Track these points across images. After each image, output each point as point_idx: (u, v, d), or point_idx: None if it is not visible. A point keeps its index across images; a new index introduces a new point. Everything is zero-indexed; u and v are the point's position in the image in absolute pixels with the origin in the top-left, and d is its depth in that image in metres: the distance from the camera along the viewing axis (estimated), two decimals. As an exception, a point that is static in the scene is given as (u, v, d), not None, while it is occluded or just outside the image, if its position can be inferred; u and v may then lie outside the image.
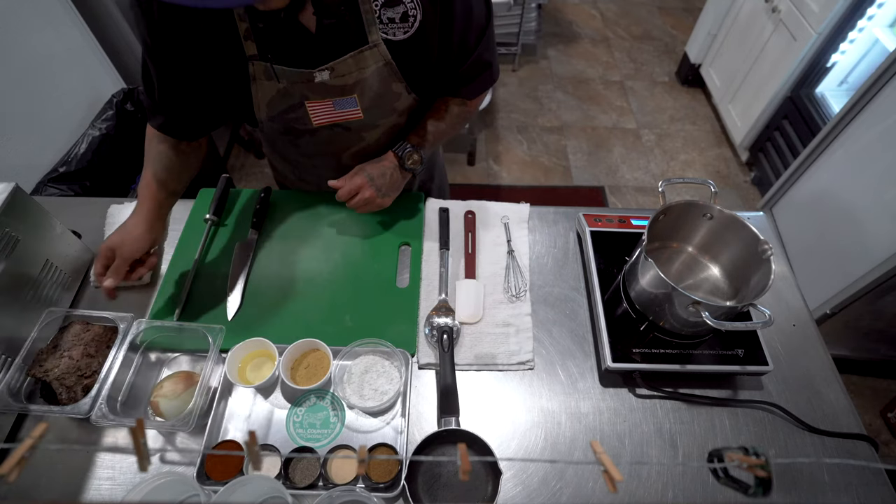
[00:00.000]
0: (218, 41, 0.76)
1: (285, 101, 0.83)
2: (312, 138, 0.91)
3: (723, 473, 0.49)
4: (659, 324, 0.84)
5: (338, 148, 0.95)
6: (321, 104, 0.84)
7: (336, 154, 0.96)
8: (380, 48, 0.78)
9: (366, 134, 0.92)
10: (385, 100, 0.87)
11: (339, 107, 0.84)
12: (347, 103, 0.84)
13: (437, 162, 1.27)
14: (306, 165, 1.05)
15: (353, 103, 0.84)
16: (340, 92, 0.82)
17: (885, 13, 1.89)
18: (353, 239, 1.01)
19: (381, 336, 0.82)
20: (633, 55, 3.24)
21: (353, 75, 0.80)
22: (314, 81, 0.80)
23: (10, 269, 0.78)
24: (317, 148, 0.95)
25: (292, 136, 0.93)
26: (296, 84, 0.80)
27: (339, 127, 0.89)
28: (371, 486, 0.71)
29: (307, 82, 0.80)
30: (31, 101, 1.42)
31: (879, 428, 1.75)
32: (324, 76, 0.79)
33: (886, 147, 1.48)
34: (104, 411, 0.72)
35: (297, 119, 0.86)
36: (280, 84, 0.80)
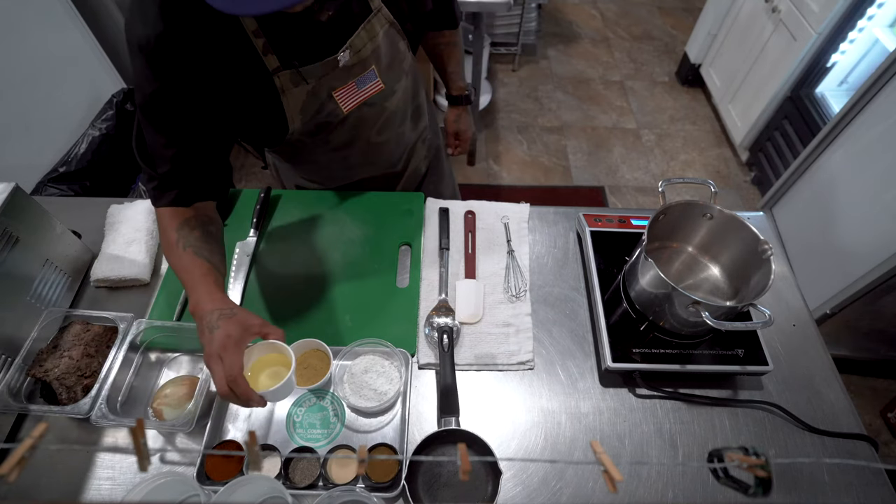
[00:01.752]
0: (237, 65, 0.73)
1: (316, 102, 0.83)
2: (343, 127, 0.92)
3: (723, 473, 0.49)
4: (659, 324, 0.84)
5: (366, 127, 0.96)
6: (347, 89, 0.85)
7: (366, 134, 0.97)
8: (382, 12, 0.81)
9: (387, 103, 0.94)
10: (396, 61, 0.89)
11: (362, 84, 0.86)
12: (369, 78, 0.86)
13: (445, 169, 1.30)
14: (335, 160, 1.03)
15: (374, 76, 0.86)
16: (361, 68, 0.84)
17: (885, 13, 1.89)
18: (353, 239, 1.01)
19: (381, 336, 0.82)
20: (633, 55, 3.24)
21: (368, 47, 0.82)
22: (339, 66, 0.80)
23: (10, 269, 0.78)
24: (348, 135, 0.95)
25: (324, 134, 0.92)
26: (322, 78, 0.80)
27: (364, 105, 0.90)
28: (371, 486, 0.71)
29: (332, 71, 0.80)
30: (31, 101, 1.42)
31: (879, 428, 1.75)
32: (346, 57, 0.80)
33: (886, 147, 1.48)
34: (104, 411, 0.72)
35: (328, 114, 0.87)
36: (308, 85, 0.80)
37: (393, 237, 1.01)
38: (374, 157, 1.04)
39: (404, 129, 1.04)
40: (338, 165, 1.05)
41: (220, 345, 0.63)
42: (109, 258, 0.94)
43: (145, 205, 1.02)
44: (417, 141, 1.12)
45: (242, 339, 0.65)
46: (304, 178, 1.12)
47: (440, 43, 1.11)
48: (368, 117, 0.93)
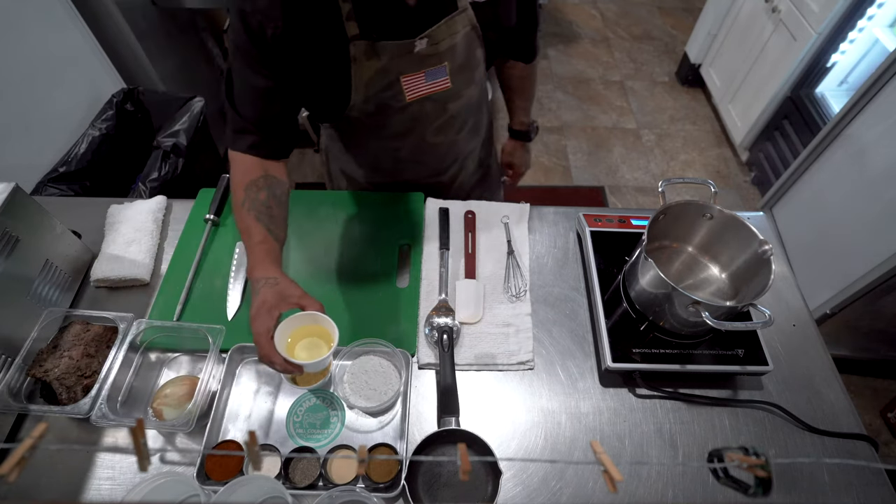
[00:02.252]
0: (321, 28, 0.75)
1: (383, 79, 0.83)
2: (402, 116, 0.92)
3: (723, 473, 0.49)
4: (659, 324, 0.84)
5: (425, 123, 0.95)
6: (415, 77, 0.84)
7: (422, 130, 0.97)
8: (468, 12, 0.81)
9: (450, 105, 0.94)
10: (469, 67, 0.89)
11: (431, 78, 0.86)
12: (438, 73, 0.86)
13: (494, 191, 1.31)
14: (387, 150, 1.03)
15: (444, 72, 0.86)
16: (434, 61, 0.84)
17: (885, 13, 1.89)
18: (353, 239, 1.01)
19: (381, 336, 0.82)
20: (633, 55, 3.24)
21: (446, 42, 0.82)
22: (413, 52, 0.80)
23: (10, 269, 0.78)
24: (406, 125, 0.94)
25: (383, 118, 0.92)
26: (394, 59, 0.81)
27: (428, 100, 0.90)
28: (371, 486, 0.71)
29: (406, 55, 0.81)
30: (31, 101, 1.41)
31: (879, 428, 1.75)
32: (422, 45, 0.80)
33: (886, 147, 1.48)
34: (104, 411, 0.72)
35: (391, 97, 0.86)
36: (380, 61, 0.80)
37: (393, 237, 1.01)
38: (425, 158, 1.04)
39: (460, 137, 1.03)
40: (387, 157, 1.04)
41: (255, 309, 0.69)
42: (109, 258, 0.94)
43: (145, 205, 1.02)
44: (470, 155, 1.12)
45: (276, 307, 0.70)
46: (352, 164, 1.10)
47: (513, 75, 1.12)
48: (429, 113, 0.93)
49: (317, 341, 0.77)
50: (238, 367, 0.84)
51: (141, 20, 1.83)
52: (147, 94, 1.74)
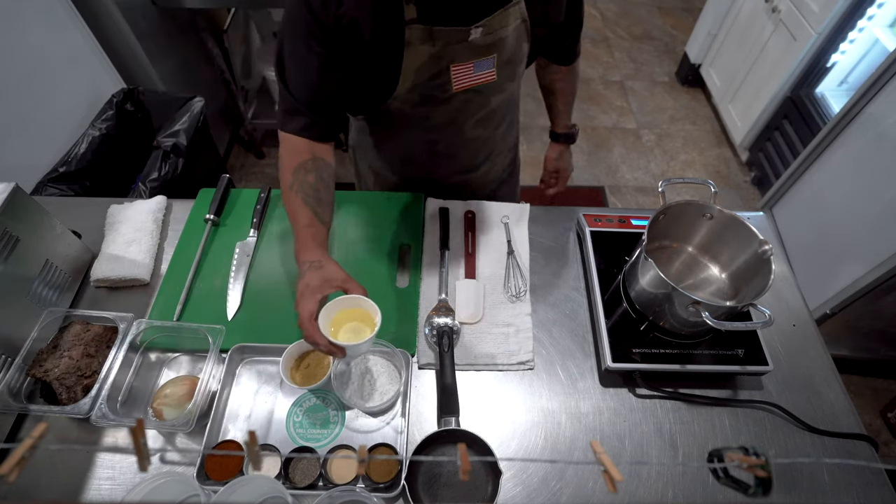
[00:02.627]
0: (379, 9, 0.75)
1: (433, 67, 0.82)
2: (446, 107, 0.91)
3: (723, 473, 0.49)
4: (659, 324, 0.84)
5: (466, 115, 0.95)
6: (464, 67, 0.84)
7: (462, 122, 0.97)
8: (520, 6, 0.81)
9: (493, 98, 0.93)
10: (514, 61, 0.89)
11: (478, 69, 0.86)
12: (486, 64, 0.85)
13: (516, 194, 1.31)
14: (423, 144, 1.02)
15: (491, 64, 0.86)
16: (484, 51, 0.83)
17: (885, 13, 1.89)
18: (353, 239, 1.01)
19: (381, 336, 0.82)
20: (633, 55, 3.24)
21: (498, 33, 0.82)
22: (468, 40, 0.80)
23: (10, 269, 0.78)
24: (448, 116, 0.94)
25: (426, 108, 0.91)
26: (448, 46, 0.80)
27: (472, 92, 0.89)
28: (371, 486, 0.71)
29: (459, 42, 0.80)
30: (31, 101, 1.41)
31: (879, 428, 1.75)
32: (477, 34, 0.80)
33: (886, 147, 1.48)
34: (104, 411, 0.72)
35: (438, 86, 0.86)
36: (434, 48, 0.79)
37: (393, 237, 1.01)
38: (460, 152, 1.04)
39: (497, 133, 1.03)
40: (423, 150, 1.03)
41: (300, 292, 0.71)
42: (109, 258, 0.94)
43: (145, 205, 1.02)
44: (502, 152, 1.12)
45: (320, 289, 0.71)
46: (382, 160, 1.09)
47: (555, 78, 1.11)
48: (472, 105, 0.93)
49: (359, 326, 0.77)
50: (238, 367, 0.84)
51: (141, 20, 1.83)
52: (147, 94, 1.74)
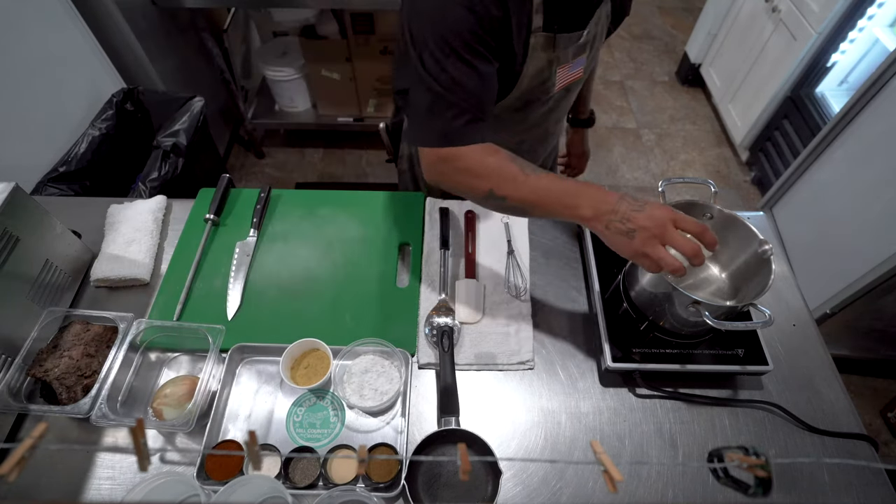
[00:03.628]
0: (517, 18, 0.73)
1: (546, 72, 0.82)
2: (544, 108, 0.91)
3: (723, 473, 0.49)
4: (659, 324, 0.84)
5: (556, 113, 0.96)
6: (565, 67, 0.84)
7: (550, 120, 0.97)
8: (606, 4, 0.82)
9: (572, 94, 0.94)
10: (594, 56, 0.90)
11: (573, 68, 0.86)
12: (579, 63, 0.86)
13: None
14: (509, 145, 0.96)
15: (583, 62, 0.87)
16: (581, 50, 0.84)
17: (885, 13, 1.89)
18: (353, 239, 1.01)
19: (381, 336, 0.82)
20: (633, 55, 3.24)
21: (593, 31, 0.83)
22: (578, 42, 0.81)
23: (10, 269, 0.78)
24: (543, 116, 0.94)
25: (526, 111, 0.89)
26: (561, 50, 0.80)
27: (563, 90, 0.90)
28: (371, 486, 0.71)
29: (571, 45, 0.81)
30: (31, 101, 1.41)
31: (879, 428, 1.75)
32: (585, 35, 0.81)
33: (886, 147, 1.48)
34: (104, 411, 0.72)
35: (542, 89, 0.85)
36: (553, 53, 0.79)
37: (393, 237, 1.01)
38: (540, 148, 1.06)
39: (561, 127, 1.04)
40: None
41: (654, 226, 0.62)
42: (109, 258, 0.94)
43: (145, 205, 1.02)
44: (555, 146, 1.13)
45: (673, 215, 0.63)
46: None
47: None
48: (562, 103, 0.93)
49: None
50: (238, 367, 0.84)
51: (141, 20, 1.83)
52: (147, 94, 1.74)
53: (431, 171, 0.76)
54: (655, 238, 0.62)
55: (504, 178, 0.71)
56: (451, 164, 0.73)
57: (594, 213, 0.65)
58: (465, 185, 0.74)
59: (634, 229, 0.63)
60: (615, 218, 0.64)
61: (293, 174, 2.52)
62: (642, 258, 0.63)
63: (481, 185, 0.72)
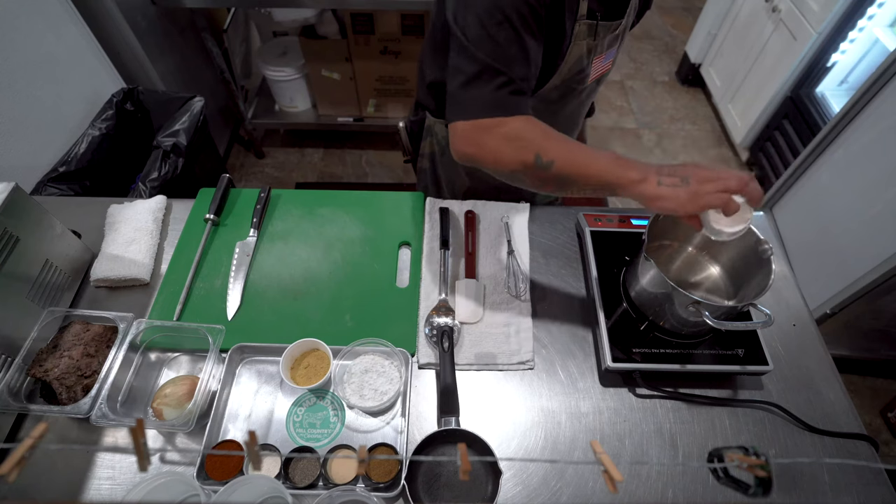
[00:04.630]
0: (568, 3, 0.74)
1: (584, 60, 0.82)
2: (576, 99, 0.91)
3: (723, 473, 0.50)
4: (659, 324, 0.84)
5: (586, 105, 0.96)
6: (601, 58, 0.84)
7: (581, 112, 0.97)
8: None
9: (598, 88, 0.94)
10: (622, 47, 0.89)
11: (606, 59, 0.86)
12: (610, 55, 0.86)
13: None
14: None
15: (613, 54, 0.86)
16: (616, 41, 0.84)
17: (885, 13, 1.89)
18: (353, 239, 1.01)
19: (381, 336, 0.82)
20: (633, 55, 3.24)
21: (628, 19, 0.83)
22: (615, 31, 0.81)
23: (10, 269, 0.78)
24: (574, 107, 0.94)
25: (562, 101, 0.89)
26: (600, 39, 0.80)
27: (594, 82, 0.90)
28: (371, 486, 0.71)
29: (609, 34, 0.81)
30: (31, 101, 1.41)
31: (879, 428, 1.75)
32: (623, 25, 0.81)
33: (886, 147, 1.48)
34: (104, 411, 0.72)
35: (578, 78, 0.85)
36: (593, 42, 0.79)
37: (393, 237, 1.01)
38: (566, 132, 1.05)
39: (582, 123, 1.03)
40: None
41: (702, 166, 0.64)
42: (109, 258, 0.94)
43: (145, 205, 1.02)
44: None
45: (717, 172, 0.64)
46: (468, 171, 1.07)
47: None
48: (590, 94, 0.93)
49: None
50: (238, 367, 0.84)
51: (141, 20, 1.83)
52: (147, 94, 1.74)
53: (468, 143, 0.73)
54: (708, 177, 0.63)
55: (552, 139, 0.70)
56: (493, 132, 0.71)
57: (642, 174, 0.65)
58: (507, 154, 0.71)
59: (687, 175, 0.64)
60: (663, 174, 0.65)
61: (293, 174, 2.52)
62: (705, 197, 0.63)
63: (527, 151, 0.70)
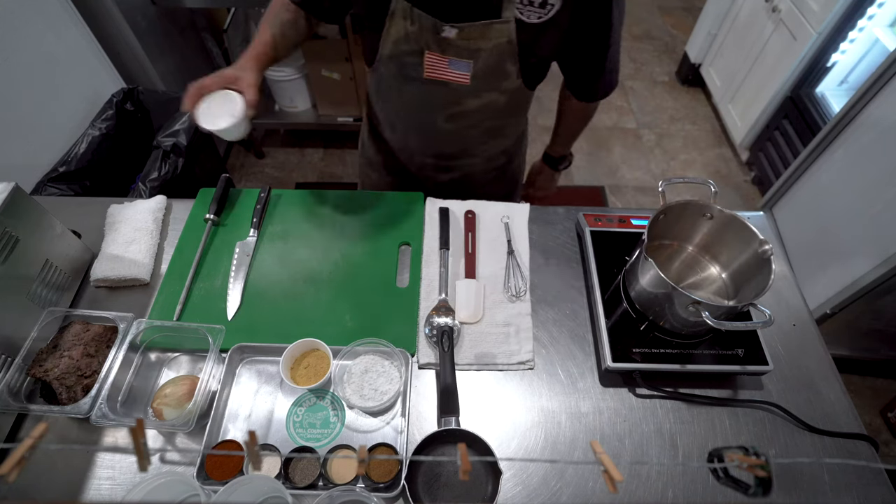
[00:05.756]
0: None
1: (409, 45, 0.86)
2: (419, 89, 0.94)
3: (723, 473, 0.50)
4: (659, 324, 0.84)
5: (438, 106, 0.97)
6: (438, 59, 0.86)
7: (434, 112, 0.99)
8: (509, 25, 0.81)
9: (466, 101, 0.95)
10: (495, 75, 0.89)
11: (453, 66, 0.87)
12: (461, 66, 0.87)
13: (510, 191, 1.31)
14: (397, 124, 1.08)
15: (467, 68, 0.87)
16: (460, 53, 0.85)
17: (885, 13, 1.89)
18: (353, 239, 1.01)
19: (381, 336, 0.82)
20: (633, 55, 3.24)
21: (477, 42, 0.83)
22: (440, 34, 0.83)
23: (10, 269, 0.78)
24: (420, 99, 0.97)
25: (401, 83, 0.95)
26: (424, 31, 0.83)
27: (444, 86, 0.91)
28: (371, 486, 0.71)
29: (434, 33, 0.83)
30: (31, 101, 1.42)
31: (879, 428, 1.75)
32: (451, 33, 0.82)
33: (886, 147, 1.48)
34: (104, 411, 0.72)
35: (412, 65, 0.89)
36: (412, 27, 0.83)
37: (393, 237, 1.01)
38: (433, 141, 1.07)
39: (473, 134, 1.04)
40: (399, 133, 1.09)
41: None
42: (109, 258, 0.94)
43: (145, 204, 1.02)
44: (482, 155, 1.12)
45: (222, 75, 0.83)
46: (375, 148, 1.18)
47: (565, 105, 1.11)
48: (444, 98, 0.95)
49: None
50: (238, 367, 0.84)
51: (141, 20, 1.83)
52: (147, 94, 1.74)
53: None
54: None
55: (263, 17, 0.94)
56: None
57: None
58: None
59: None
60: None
61: (293, 174, 2.52)
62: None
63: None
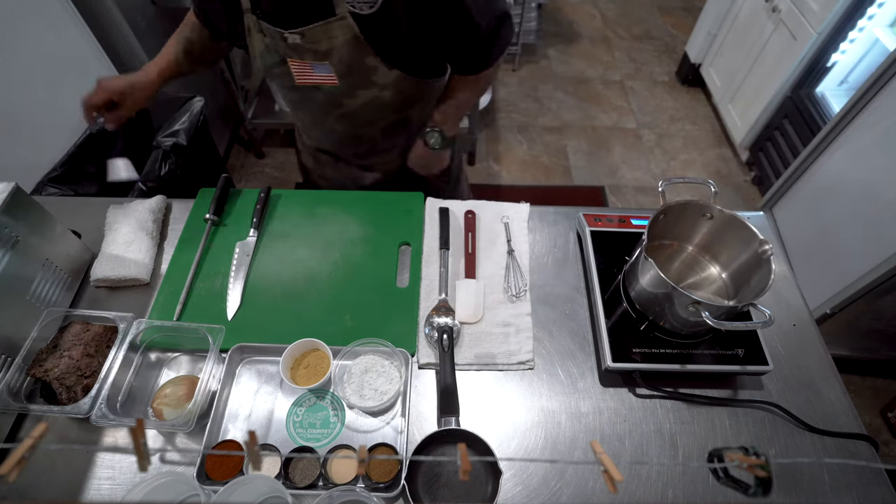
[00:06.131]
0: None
1: (271, 56, 0.91)
2: (301, 96, 0.98)
3: (723, 473, 0.50)
4: (659, 324, 0.84)
5: (323, 109, 1.00)
6: (301, 64, 0.90)
7: (324, 116, 1.02)
8: (347, 21, 0.82)
9: (345, 101, 0.96)
10: (360, 71, 0.90)
11: (317, 70, 0.90)
12: (323, 68, 0.89)
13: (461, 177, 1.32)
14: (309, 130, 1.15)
15: (328, 70, 0.89)
16: (315, 56, 0.87)
17: (885, 13, 1.89)
18: (353, 239, 1.01)
19: (381, 336, 0.82)
20: (633, 55, 3.24)
21: (324, 43, 0.85)
22: (287, 42, 0.85)
23: (10, 269, 0.78)
24: (307, 105, 1.02)
25: (286, 92, 1.01)
26: (276, 41, 0.87)
27: (318, 90, 0.94)
28: (371, 486, 0.71)
29: (283, 41, 0.86)
30: (31, 101, 1.41)
31: (879, 428, 1.75)
32: (295, 39, 0.85)
33: (886, 147, 1.48)
34: (104, 411, 0.72)
35: (283, 75, 0.93)
36: (266, 39, 0.88)
37: (393, 237, 1.01)
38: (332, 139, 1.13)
39: (370, 131, 1.06)
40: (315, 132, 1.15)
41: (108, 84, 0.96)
42: (109, 258, 0.94)
43: (145, 205, 1.02)
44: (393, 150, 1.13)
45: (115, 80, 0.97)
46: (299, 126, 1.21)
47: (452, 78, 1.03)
48: (322, 103, 0.98)
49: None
50: (238, 367, 0.84)
51: (141, 20, 1.83)
52: (147, 94, 1.74)
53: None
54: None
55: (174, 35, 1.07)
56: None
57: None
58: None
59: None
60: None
61: (293, 174, 2.52)
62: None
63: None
